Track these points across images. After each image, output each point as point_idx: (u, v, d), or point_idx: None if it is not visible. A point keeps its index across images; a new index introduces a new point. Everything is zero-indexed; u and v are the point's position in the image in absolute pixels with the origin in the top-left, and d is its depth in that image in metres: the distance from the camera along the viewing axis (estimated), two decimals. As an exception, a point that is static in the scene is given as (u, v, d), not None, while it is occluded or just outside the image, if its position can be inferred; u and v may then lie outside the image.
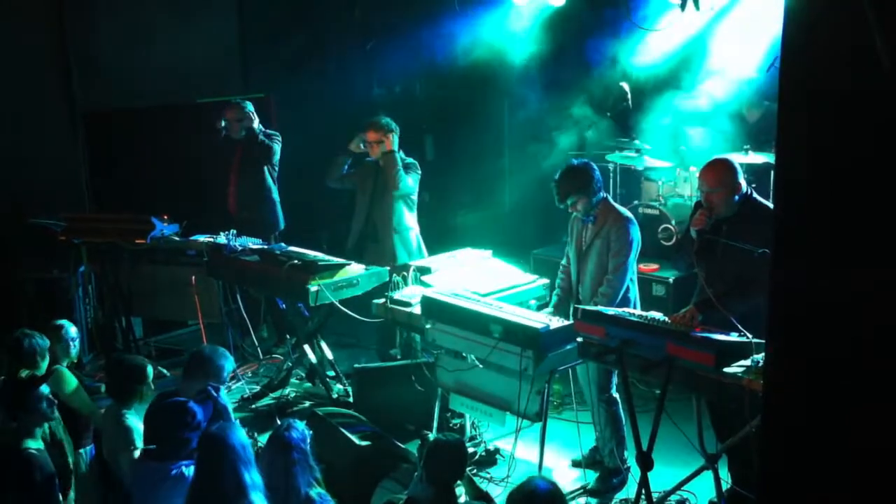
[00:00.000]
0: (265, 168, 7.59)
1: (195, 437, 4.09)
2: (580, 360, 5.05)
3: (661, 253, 7.22)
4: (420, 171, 6.89)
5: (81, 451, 5.17)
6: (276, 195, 7.73)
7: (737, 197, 4.84)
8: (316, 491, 4.04)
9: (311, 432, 4.14)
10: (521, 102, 9.41)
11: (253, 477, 3.79)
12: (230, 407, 4.60)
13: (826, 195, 2.41)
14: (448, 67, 8.78)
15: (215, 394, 4.49)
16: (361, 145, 6.88)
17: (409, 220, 6.91)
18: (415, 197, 6.93)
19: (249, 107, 7.58)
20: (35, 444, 4.34)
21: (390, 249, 6.82)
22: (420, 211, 7.01)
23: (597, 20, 7.94)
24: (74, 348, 5.58)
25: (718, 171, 4.89)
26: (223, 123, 7.56)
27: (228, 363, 4.70)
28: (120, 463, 4.54)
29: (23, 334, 5.10)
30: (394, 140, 6.76)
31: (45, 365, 5.09)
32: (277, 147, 7.59)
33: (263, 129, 7.60)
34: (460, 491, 4.49)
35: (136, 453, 4.40)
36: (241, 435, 3.89)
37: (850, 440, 2.42)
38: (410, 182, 6.80)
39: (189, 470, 4.04)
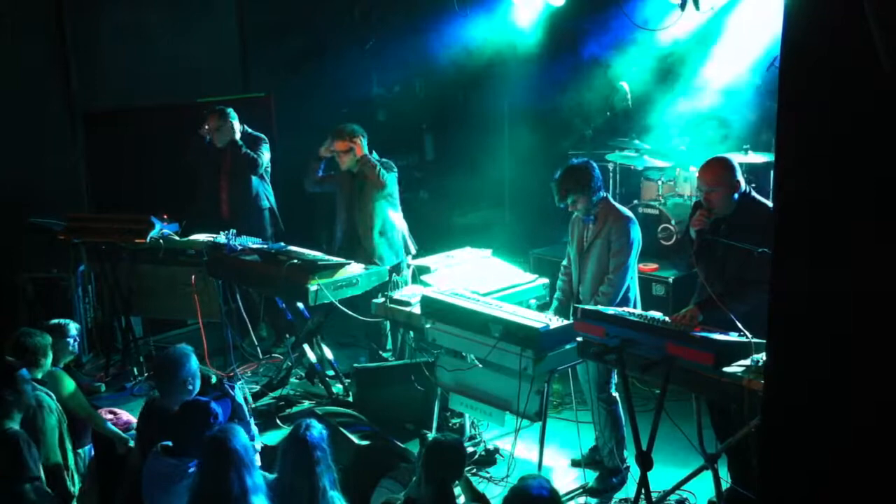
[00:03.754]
0: (251, 177, 7.51)
1: None
2: (580, 359, 5.05)
3: (661, 252, 7.21)
4: (396, 170, 6.90)
5: (80, 451, 5.19)
6: (265, 202, 7.62)
7: (735, 196, 4.83)
8: (338, 494, 4.04)
9: (327, 431, 4.15)
10: (521, 102, 9.42)
11: (255, 480, 3.80)
12: (245, 405, 4.62)
13: (826, 195, 2.41)
14: (448, 67, 8.77)
15: (231, 392, 4.49)
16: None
17: (393, 218, 6.88)
18: (397, 195, 6.91)
19: (233, 116, 7.45)
20: (13, 426, 4.35)
21: (374, 252, 6.81)
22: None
23: (596, 20, 7.93)
24: (75, 347, 5.59)
25: (717, 170, 4.88)
26: (206, 127, 7.53)
27: (191, 363, 4.72)
28: None
29: (24, 333, 5.12)
30: (363, 144, 6.75)
31: (48, 363, 5.10)
32: (263, 155, 7.48)
33: (249, 133, 7.53)
34: (458, 491, 4.48)
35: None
36: (242, 437, 3.90)
37: (850, 440, 2.42)
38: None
39: None
